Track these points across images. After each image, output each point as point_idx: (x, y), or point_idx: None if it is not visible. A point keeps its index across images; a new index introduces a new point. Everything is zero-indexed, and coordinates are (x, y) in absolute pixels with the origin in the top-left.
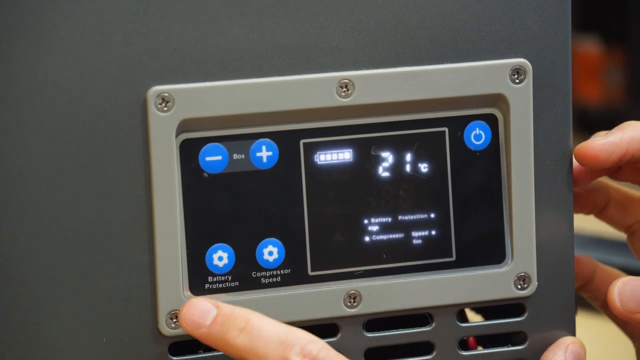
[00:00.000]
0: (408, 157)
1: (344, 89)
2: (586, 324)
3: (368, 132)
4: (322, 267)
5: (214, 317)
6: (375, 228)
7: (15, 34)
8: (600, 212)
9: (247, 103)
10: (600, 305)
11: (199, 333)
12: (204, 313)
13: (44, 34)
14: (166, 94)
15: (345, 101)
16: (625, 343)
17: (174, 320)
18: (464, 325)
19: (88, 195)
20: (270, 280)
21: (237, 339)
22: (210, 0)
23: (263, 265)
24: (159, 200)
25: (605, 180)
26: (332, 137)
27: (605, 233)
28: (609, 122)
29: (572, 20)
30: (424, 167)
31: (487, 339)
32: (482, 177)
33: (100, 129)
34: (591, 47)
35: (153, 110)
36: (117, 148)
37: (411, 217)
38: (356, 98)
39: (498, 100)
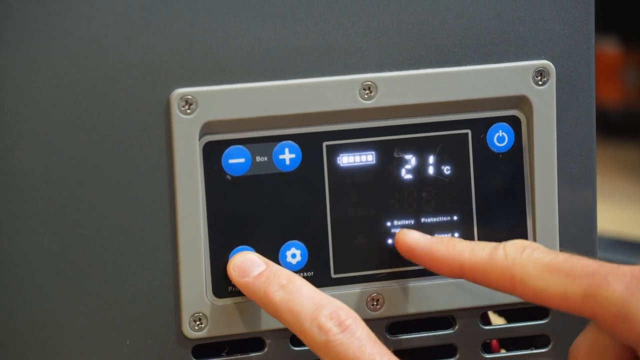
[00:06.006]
0: (431, 159)
1: (367, 91)
2: None
3: (391, 135)
4: (345, 269)
5: (261, 270)
6: (398, 230)
7: (38, 35)
8: None
9: (270, 105)
10: None
11: (242, 281)
12: (254, 265)
13: (66, 36)
14: (189, 97)
15: (368, 103)
16: None
17: (197, 322)
18: (487, 327)
19: (111, 197)
20: None
21: (276, 293)
22: (233, 2)
23: (286, 268)
24: (182, 203)
25: None
26: (355, 139)
27: (628, 235)
28: (628, 123)
29: None
30: (446, 170)
31: (510, 342)
32: (505, 179)
33: (124, 131)
34: (610, 48)
35: (176, 113)
36: (141, 150)
37: (434, 219)
38: (379, 100)
39: (521, 102)
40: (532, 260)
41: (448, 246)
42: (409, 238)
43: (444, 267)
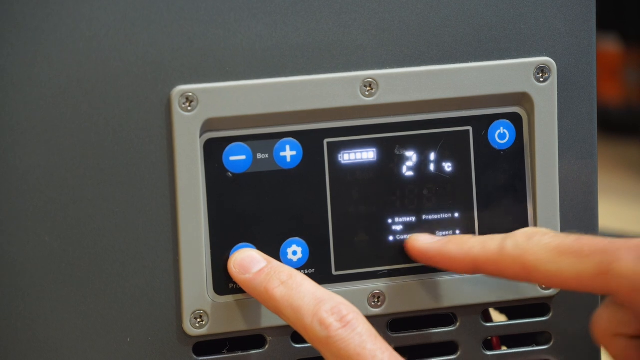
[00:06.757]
0: (432, 156)
1: (368, 88)
2: None
3: (392, 132)
4: (346, 266)
5: (262, 267)
6: (399, 227)
7: (39, 34)
8: None
9: (271, 102)
10: None
11: (243, 278)
12: (254, 261)
13: (67, 34)
14: (190, 94)
15: (369, 100)
16: None
17: (198, 320)
18: (488, 325)
19: (112, 195)
20: None
21: (277, 289)
22: (234, 0)
23: (287, 265)
24: (183, 200)
25: None
26: (356, 136)
27: (629, 232)
28: (629, 121)
29: None
30: (448, 167)
31: (511, 339)
32: (507, 176)
33: (125, 129)
34: (610, 46)
35: (177, 110)
36: (141, 148)
37: (435, 216)
38: (380, 97)
39: (522, 99)
40: (542, 246)
41: (459, 244)
42: (420, 242)
43: (458, 266)
